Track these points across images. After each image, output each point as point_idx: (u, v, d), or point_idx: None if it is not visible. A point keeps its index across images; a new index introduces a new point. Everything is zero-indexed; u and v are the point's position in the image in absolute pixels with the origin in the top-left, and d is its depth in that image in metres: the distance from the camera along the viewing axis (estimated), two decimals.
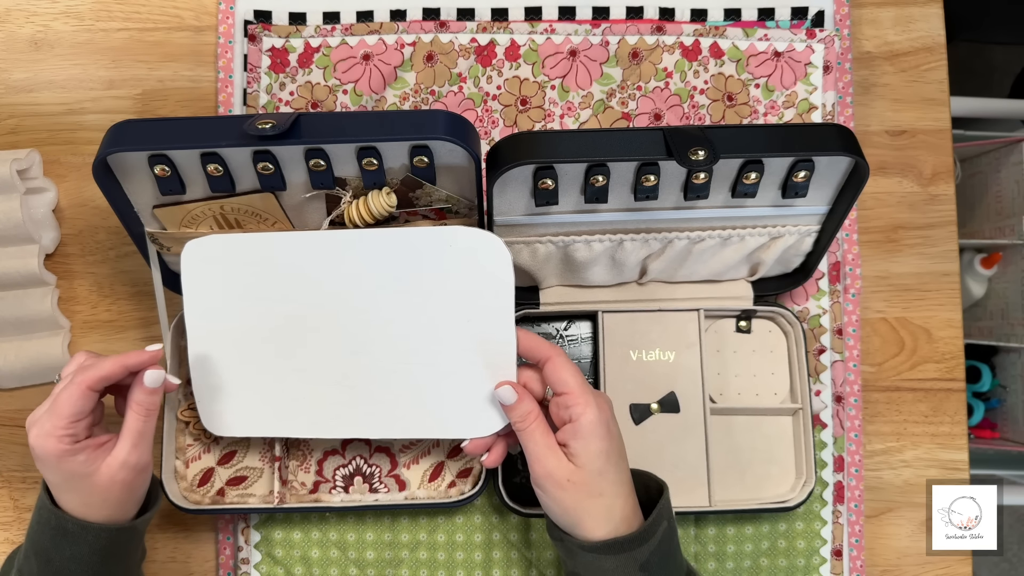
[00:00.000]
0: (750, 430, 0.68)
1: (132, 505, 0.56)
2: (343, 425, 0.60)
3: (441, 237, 0.55)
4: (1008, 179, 1.17)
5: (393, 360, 0.57)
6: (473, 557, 0.69)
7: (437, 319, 0.56)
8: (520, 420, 0.54)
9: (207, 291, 0.58)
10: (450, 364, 0.57)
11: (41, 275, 0.69)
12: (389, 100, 0.72)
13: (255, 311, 0.58)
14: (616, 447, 0.54)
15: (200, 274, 0.58)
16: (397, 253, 0.55)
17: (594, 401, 0.53)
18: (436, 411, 0.58)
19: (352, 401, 0.59)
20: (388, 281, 0.56)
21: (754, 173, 0.56)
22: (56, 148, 0.72)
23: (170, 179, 0.56)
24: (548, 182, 0.56)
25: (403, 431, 0.60)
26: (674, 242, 0.63)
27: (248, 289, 0.57)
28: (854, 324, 0.71)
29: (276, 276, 0.57)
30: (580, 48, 0.72)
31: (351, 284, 0.56)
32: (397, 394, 0.58)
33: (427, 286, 0.56)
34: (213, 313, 0.58)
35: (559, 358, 0.54)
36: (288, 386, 0.59)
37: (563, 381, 0.53)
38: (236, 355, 0.59)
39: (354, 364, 0.58)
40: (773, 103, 0.72)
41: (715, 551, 0.69)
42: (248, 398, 0.60)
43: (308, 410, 0.60)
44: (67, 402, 0.51)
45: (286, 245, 0.56)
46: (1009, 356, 1.21)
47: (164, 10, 0.74)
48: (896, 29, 0.74)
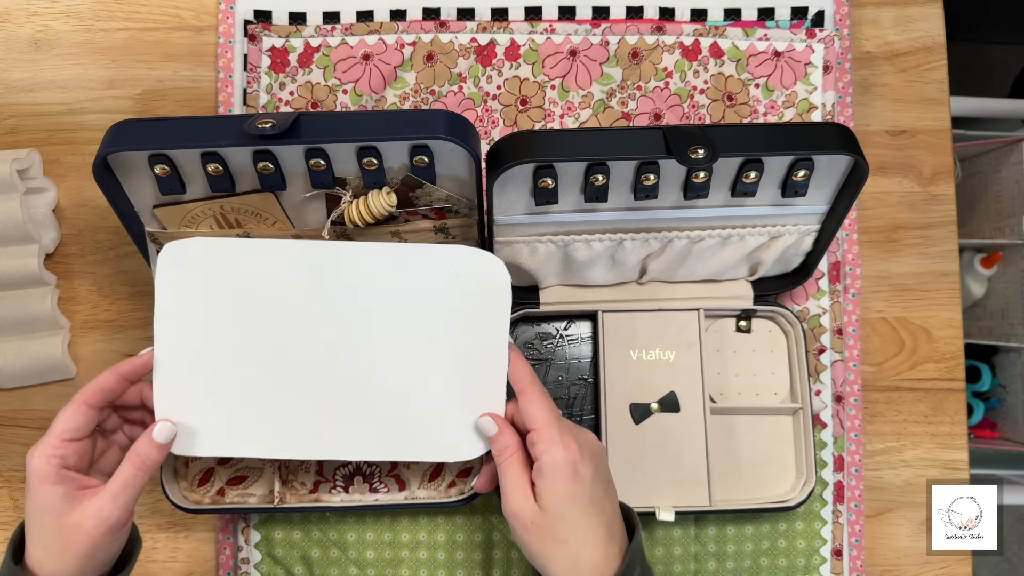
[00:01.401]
0: (750, 430, 0.68)
1: (96, 566, 0.50)
2: (321, 446, 0.56)
3: (441, 256, 0.53)
4: (1008, 179, 1.17)
5: (379, 379, 0.55)
6: (473, 557, 0.69)
7: (429, 339, 0.54)
8: (499, 454, 0.52)
9: (183, 297, 0.54)
10: (439, 386, 0.55)
11: (41, 275, 0.69)
12: (389, 100, 0.72)
13: (233, 321, 0.54)
14: (584, 491, 0.50)
15: (177, 278, 0.53)
16: (393, 270, 0.53)
17: (561, 441, 0.50)
18: (421, 433, 0.56)
19: (332, 421, 0.55)
20: (381, 297, 0.54)
21: (754, 172, 0.56)
22: (56, 148, 0.72)
23: (170, 179, 0.56)
24: (548, 181, 0.56)
25: (385, 453, 0.57)
26: (674, 241, 0.63)
27: (228, 297, 0.54)
28: (854, 324, 0.71)
29: (259, 285, 0.54)
30: (580, 48, 0.72)
31: (340, 298, 0.54)
32: (380, 414, 0.55)
33: (421, 305, 0.54)
34: (187, 321, 0.54)
35: (532, 392, 0.52)
36: (265, 403, 0.55)
37: (532, 416, 0.51)
38: (208, 368, 0.54)
39: (336, 382, 0.55)
40: (773, 103, 0.72)
41: (715, 551, 0.69)
42: (219, 415, 0.55)
43: (284, 429, 0.55)
44: (61, 418, 0.49)
45: (273, 253, 0.53)
46: (1009, 356, 1.21)
47: (164, 10, 0.74)
48: (896, 29, 0.74)
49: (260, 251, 0.54)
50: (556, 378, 0.69)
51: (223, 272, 0.54)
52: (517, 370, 0.54)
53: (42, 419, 0.71)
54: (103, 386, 0.51)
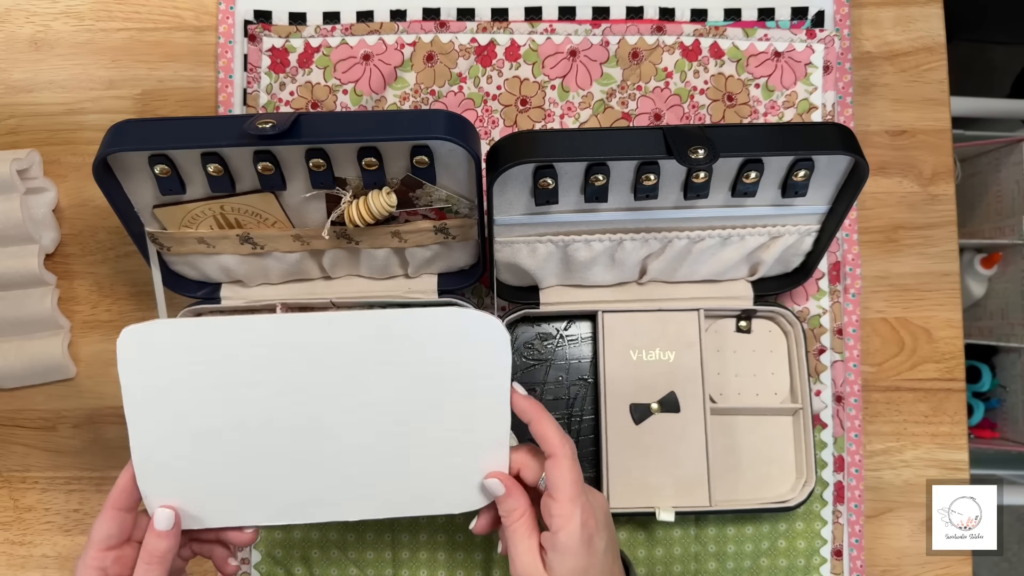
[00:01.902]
0: (750, 430, 0.68)
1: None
2: (323, 509, 0.53)
3: (434, 320, 0.49)
4: (1008, 179, 1.17)
5: (376, 441, 0.51)
6: (473, 557, 0.69)
7: (425, 401, 0.51)
8: (507, 515, 0.50)
9: (151, 383, 0.49)
10: (439, 445, 0.51)
11: (41, 275, 0.69)
12: (389, 100, 0.72)
13: (210, 400, 0.50)
14: (596, 564, 0.49)
15: (141, 365, 0.49)
16: (383, 336, 0.49)
17: (579, 515, 0.48)
18: (423, 489, 0.53)
19: (331, 486, 0.52)
20: (370, 364, 0.50)
21: (754, 172, 0.56)
22: (56, 148, 0.72)
23: (170, 179, 0.56)
24: (548, 181, 0.56)
25: (388, 511, 0.54)
26: (674, 242, 0.63)
27: (203, 378, 0.49)
28: (854, 324, 0.71)
29: (235, 363, 0.49)
30: (580, 48, 0.72)
31: (326, 368, 0.50)
32: (381, 475, 0.52)
33: (415, 369, 0.50)
34: (160, 404, 0.49)
35: (563, 459, 0.49)
36: (259, 474, 0.51)
37: (555, 486, 0.48)
38: (193, 446, 0.50)
39: (330, 447, 0.51)
40: (773, 103, 0.72)
41: (715, 551, 0.69)
42: (204, 493, 0.51)
43: (283, 497, 0.52)
44: (96, 527, 0.48)
45: (246, 330, 0.49)
46: (1009, 356, 1.21)
47: (164, 10, 0.74)
48: (896, 29, 0.74)
49: (230, 330, 0.49)
50: (556, 378, 0.69)
51: (193, 353, 0.49)
52: (548, 430, 0.50)
53: (42, 419, 0.71)
54: (125, 487, 0.49)
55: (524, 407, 0.51)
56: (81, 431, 0.71)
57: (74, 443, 0.71)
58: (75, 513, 0.70)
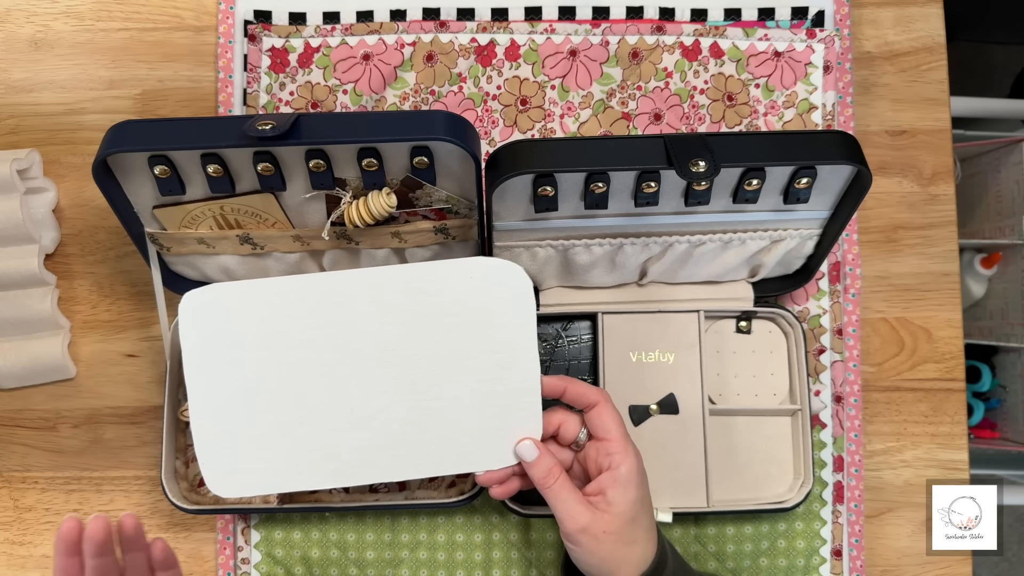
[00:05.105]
0: (749, 431, 0.68)
1: None
2: (362, 470, 0.55)
3: (461, 270, 0.53)
4: (1008, 179, 1.17)
5: (413, 398, 0.54)
6: (473, 557, 0.69)
7: (457, 353, 0.53)
8: (543, 477, 0.52)
9: (209, 343, 0.53)
10: (471, 398, 0.54)
11: (41, 275, 0.69)
12: (389, 100, 0.72)
13: (262, 360, 0.53)
14: (647, 492, 0.54)
15: (200, 325, 0.53)
16: (413, 289, 0.53)
17: (632, 450, 0.52)
18: (455, 446, 0.55)
19: (370, 445, 0.54)
20: (404, 318, 0.53)
21: (756, 180, 0.56)
22: (56, 148, 0.72)
23: (170, 179, 0.56)
24: (548, 189, 0.56)
25: (424, 470, 0.56)
26: (674, 246, 0.63)
27: (254, 338, 0.53)
28: (854, 324, 0.71)
29: (284, 322, 0.53)
30: (580, 48, 0.72)
31: (365, 324, 0.53)
32: (417, 433, 0.55)
33: (446, 321, 0.53)
34: (216, 365, 0.53)
35: (607, 404, 0.53)
36: (303, 436, 0.54)
37: (606, 428, 0.53)
38: (244, 409, 0.54)
39: (371, 406, 0.54)
40: (773, 103, 0.72)
41: (715, 551, 0.69)
42: (260, 454, 0.54)
43: (325, 459, 0.55)
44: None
45: (292, 289, 0.53)
46: (1009, 356, 1.21)
47: (164, 10, 0.74)
48: (896, 29, 0.74)
49: (280, 289, 0.53)
50: None
51: (247, 313, 0.53)
52: (581, 387, 0.54)
53: (42, 419, 0.71)
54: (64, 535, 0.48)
55: (551, 382, 0.54)
56: (81, 431, 0.71)
57: (74, 443, 0.71)
58: (75, 513, 0.70)
